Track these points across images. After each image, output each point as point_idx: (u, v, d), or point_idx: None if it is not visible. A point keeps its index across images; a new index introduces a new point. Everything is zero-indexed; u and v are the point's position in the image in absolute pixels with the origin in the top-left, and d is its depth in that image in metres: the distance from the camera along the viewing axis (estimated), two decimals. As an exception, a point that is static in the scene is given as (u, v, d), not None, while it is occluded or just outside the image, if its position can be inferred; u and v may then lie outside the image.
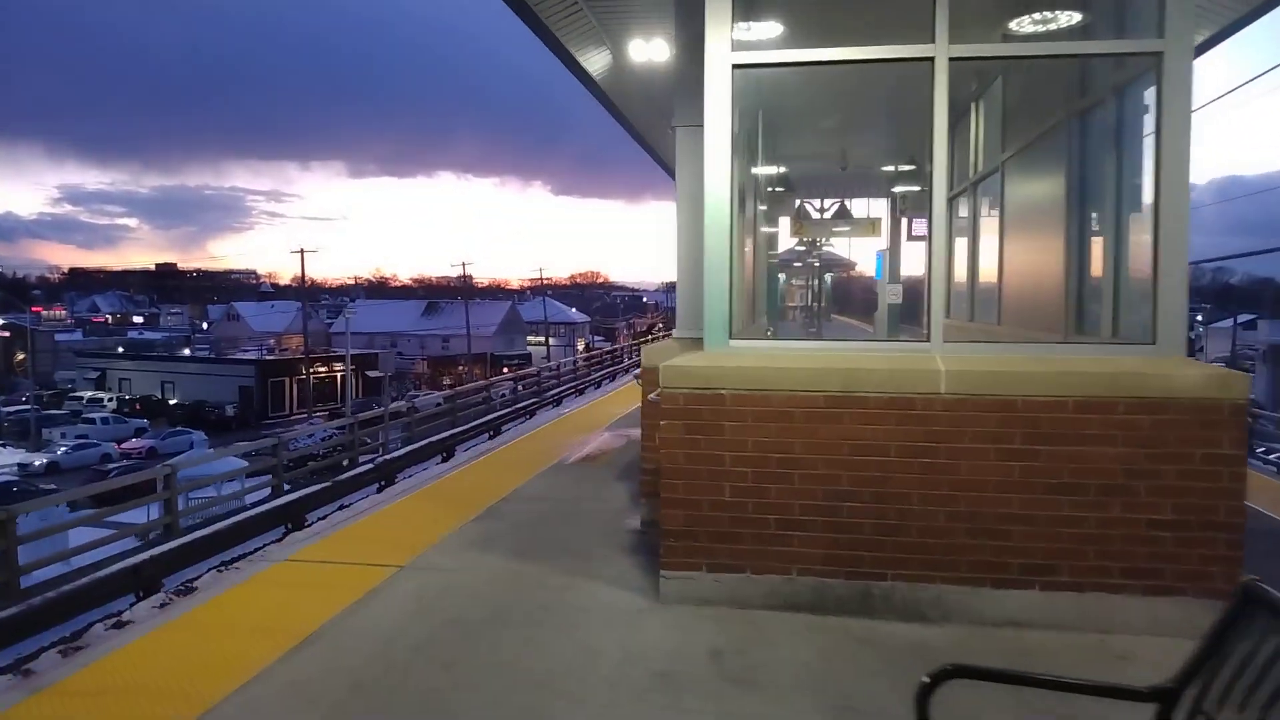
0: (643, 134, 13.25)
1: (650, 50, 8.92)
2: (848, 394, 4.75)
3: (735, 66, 5.08)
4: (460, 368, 79.49)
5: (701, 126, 6.62)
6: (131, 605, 10.02)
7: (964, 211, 10.20)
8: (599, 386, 34.54)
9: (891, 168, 13.66)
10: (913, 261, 13.81)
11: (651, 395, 5.29)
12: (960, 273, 10.43)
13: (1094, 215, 6.28)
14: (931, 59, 4.96)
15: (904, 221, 14.64)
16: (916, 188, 13.39)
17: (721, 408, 4.89)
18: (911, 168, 13.06)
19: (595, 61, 9.33)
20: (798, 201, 15.27)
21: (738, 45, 5.14)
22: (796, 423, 4.82)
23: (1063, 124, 6.71)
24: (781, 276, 54.20)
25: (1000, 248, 8.37)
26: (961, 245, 10.02)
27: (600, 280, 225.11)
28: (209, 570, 11.46)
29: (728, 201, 5.10)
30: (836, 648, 4.33)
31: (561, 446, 10.41)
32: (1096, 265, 6.23)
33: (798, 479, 4.84)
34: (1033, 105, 7.62)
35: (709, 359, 4.99)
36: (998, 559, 4.69)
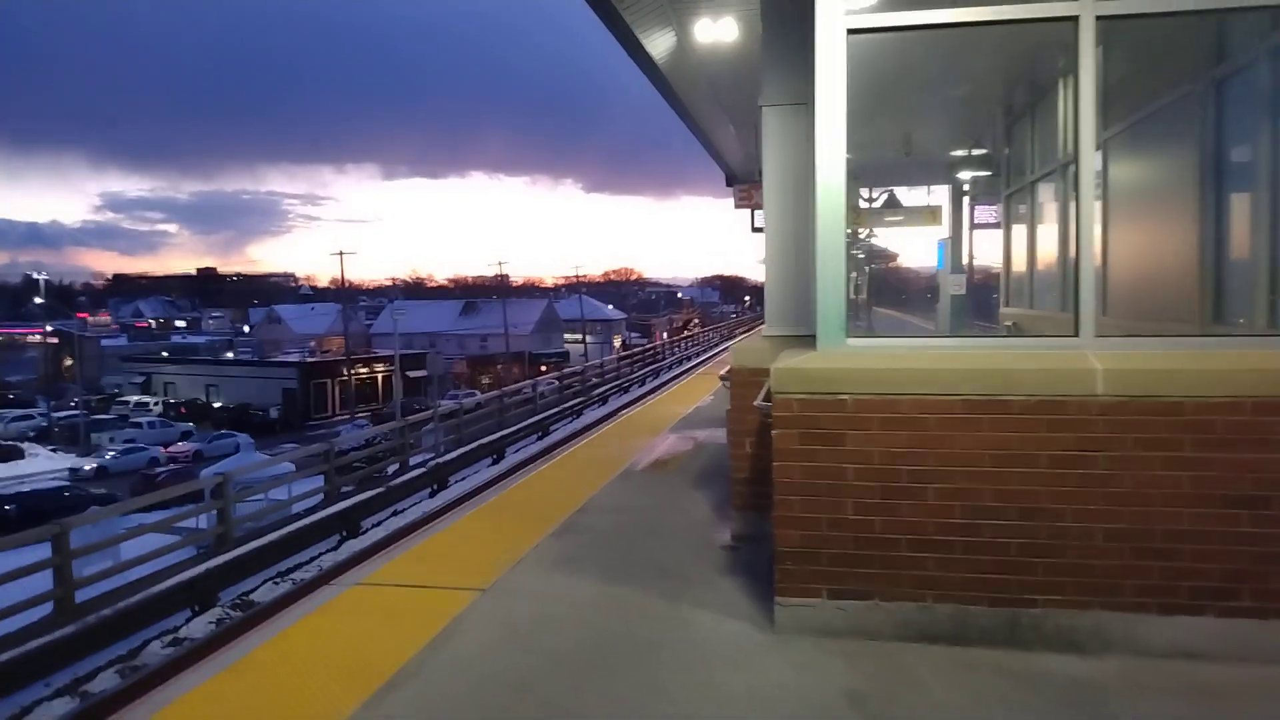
0: (698, 121, 12.74)
1: (718, 30, 8.41)
2: (988, 397, 4.20)
3: (850, 31, 4.54)
4: (499, 367, 79.54)
5: (793, 105, 6.15)
6: (188, 621, 9.76)
7: (1032, 198, 9.58)
8: (643, 384, 34.13)
9: (961, 152, 13.01)
10: (979, 251, 13.18)
11: (758, 401, 4.79)
12: (1033, 261, 9.82)
13: (1238, 192, 5.66)
14: (1075, 18, 4.38)
15: (968, 209, 14.00)
16: (985, 172, 12.76)
17: (843, 414, 4.37)
18: (982, 152, 12.43)
19: (659, 43, 8.83)
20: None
21: (849, 10, 4.60)
22: (929, 430, 4.28)
23: (1192, 93, 6.08)
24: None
25: (1104, 232, 7.75)
26: (1046, 232, 9.41)
27: (634, 277, 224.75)
28: (264, 583, 11.23)
29: (844, 184, 4.56)
30: (990, 688, 3.79)
31: (626, 450, 9.93)
32: (1239, 247, 5.61)
33: (932, 494, 4.30)
34: (1144, 76, 6.98)
35: (826, 359, 4.47)
36: (1166, 582, 4.11)
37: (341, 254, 61.34)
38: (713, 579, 5.27)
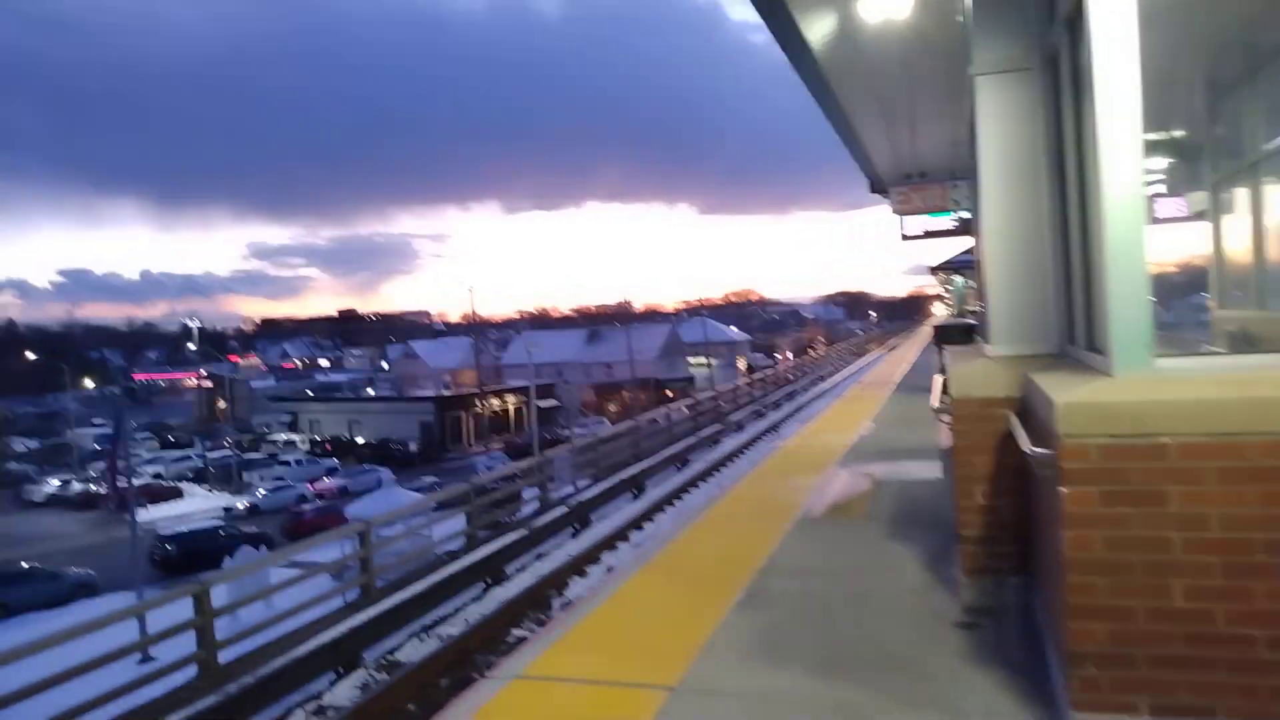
0: (849, 118, 11.58)
1: (889, 6, 7.31)
2: (1386, 437, 2.96)
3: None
4: (625, 393, 79.33)
5: (1016, 71, 5.02)
6: (332, 685, 9.20)
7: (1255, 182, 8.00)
8: (779, 407, 32.77)
9: (1150, 136, 11.38)
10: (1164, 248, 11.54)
11: (1029, 447, 3.65)
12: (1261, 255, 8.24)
13: None
14: None
15: (1149, 202, 12.32)
16: (1170, 160, 11.14)
17: (1162, 464, 3.19)
18: (1163, 136, 10.82)
19: (818, 27, 7.78)
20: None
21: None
22: (1295, 485, 3.06)
23: None
24: (959, 279, 50.78)
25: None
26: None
27: (754, 297, 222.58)
28: (409, 638, 10.63)
29: (1140, 160, 3.40)
30: None
31: (793, 491, 8.82)
32: None
33: (1303, 573, 3.08)
34: None
35: (1129, 389, 3.30)
36: None
37: (470, 289, 62.50)
38: (960, 673, 4.13)
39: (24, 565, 29.61)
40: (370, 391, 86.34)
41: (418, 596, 10.92)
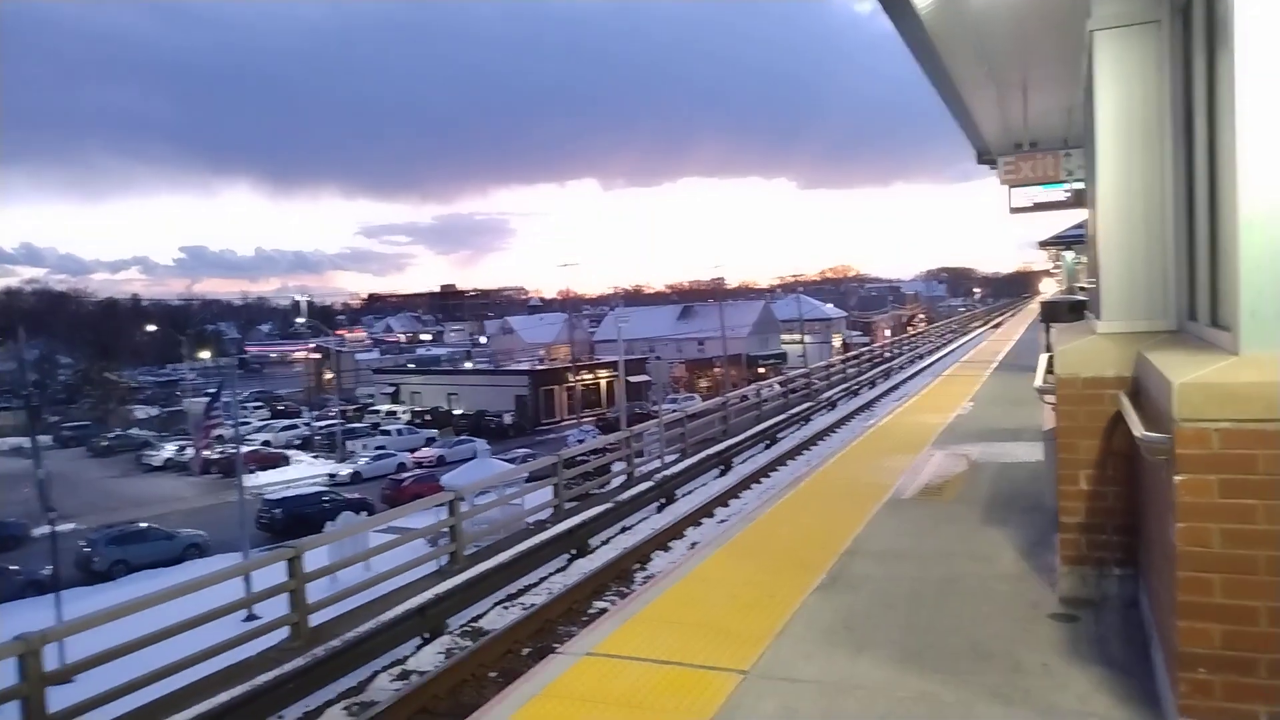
0: (957, 86, 11.04)
1: (998, -40, 6.86)
2: None
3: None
4: (716, 369, 78.88)
5: (1140, 25, 4.61)
6: (417, 649, 9.37)
7: None
8: (873, 385, 31.98)
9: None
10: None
11: (1141, 431, 3.33)
12: None
13: None
14: None
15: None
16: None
17: (1296, 453, 2.87)
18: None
19: (924, -13, 7.38)
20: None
21: None
22: None
23: None
24: (1069, 255, 48.71)
25: None
26: None
27: (852, 274, 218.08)
28: (494, 606, 10.75)
29: (1280, 113, 3.05)
30: None
31: (884, 471, 8.52)
32: None
33: None
34: None
35: (1258, 369, 2.97)
36: None
37: (566, 265, 63.07)
38: (1055, 668, 3.86)
39: (142, 525, 31.34)
40: (468, 365, 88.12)
41: (503, 565, 11.01)
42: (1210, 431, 2.96)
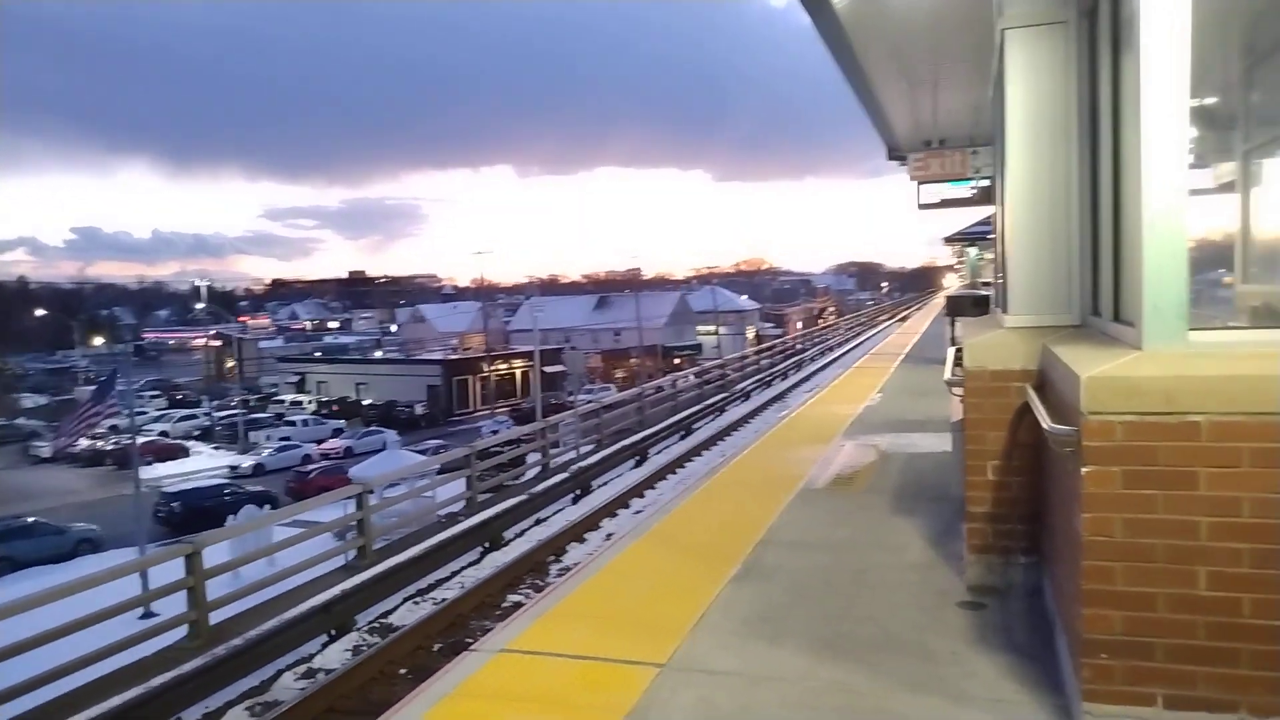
0: (870, 82, 11.22)
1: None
2: None
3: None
4: (632, 360, 79.11)
5: (1049, 25, 4.72)
6: (324, 647, 9.10)
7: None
8: (785, 377, 32.53)
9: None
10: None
11: (1050, 424, 3.40)
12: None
13: None
14: None
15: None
16: (1195, 129, 10.75)
17: (1195, 444, 2.97)
18: (1194, 103, 10.45)
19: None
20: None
21: None
22: (1336, 469, 2.84)
23: None
24: (973, 251, 50.38)
25: None
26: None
27: (765, 267, 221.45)
28: (404, 602, 10.52)
29: (1186, 118, 3.14)
30: None
31: (796, 461, 8.62)
32: None
33: (1338, 563, 2.86)
34: None
35: (1163, 364, 3.06)
36: None
37: (480, 253, 62.31)
38: (964, 656, 3.94)
39: (29, 520, 29.71)
40: (378, 354, 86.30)
41: (414, 560, 10.79)
42: (1115, 424, 3.05)
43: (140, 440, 31.92)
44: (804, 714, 3.50)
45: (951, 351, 7.01)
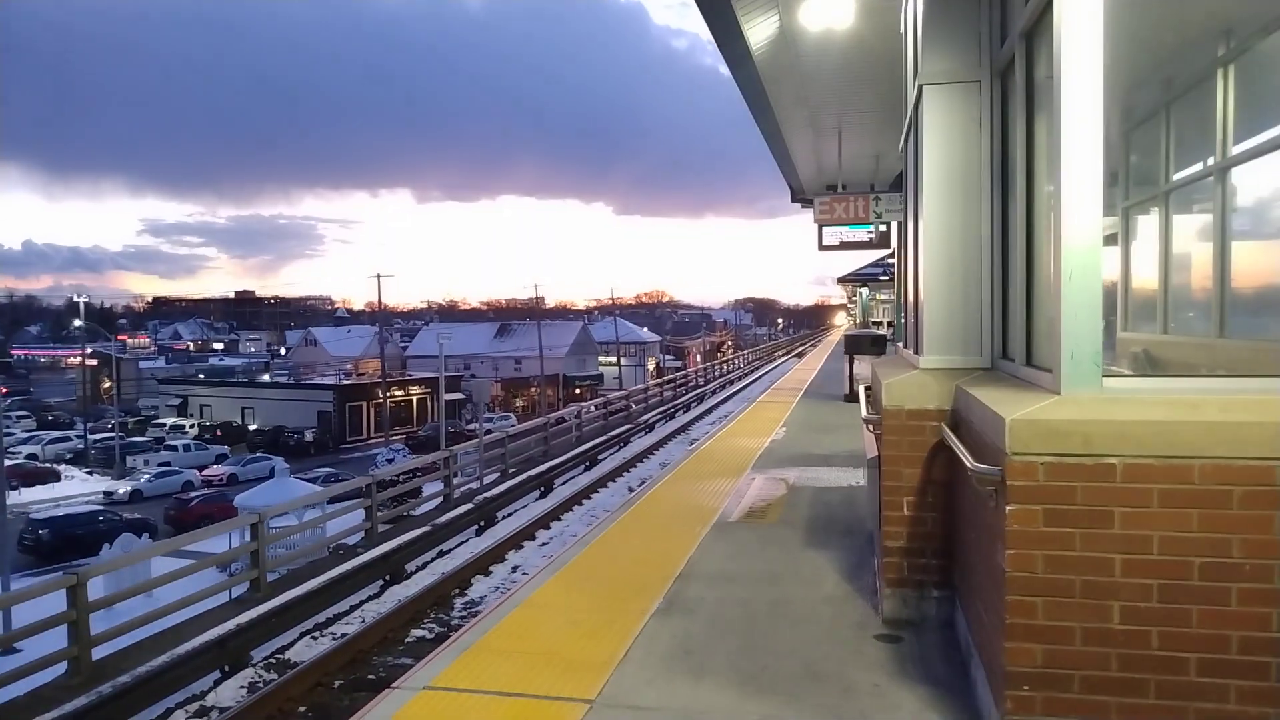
0: (779, 125, 11.60)
1: (830, 15, 7.26)
2: (1326, 463, 2.97)
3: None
4: (533, 389, 78.58)
5: (964, 83, 4.98)
6: (216, 684, 8.65)
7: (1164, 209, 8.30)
8: (688, 409, 32.86)
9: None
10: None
11: (973, 463, 3.55)
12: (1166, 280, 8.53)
13: None
14: None
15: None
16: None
17: (1110, 486, 3.14)
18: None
19: (760, 30, 7.70)
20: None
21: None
22: (1235, 509, 3.05)
23: None
24: (864, 291, 51.81)
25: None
26: (1193, 247, 8.17)
27: (665, 299, 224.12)
28: (301, 637, 10.09)
29: (1100, 175, 3.35)
30: None
31: (709, 494, 8.72)
32: None
33: (1237, 597, 3.05)
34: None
35: (1080, 408, 3.24)
36: None
37: (378, 277, 60.94)
38: (885, 689, 4.03)
39: None
40: (266, 377, 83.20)
41: (311, 593, 10.39)
42: (1037, 464, 3.20)
43: (6, 463, 29.85)
44: (734, 749, 3.52)
45: (862, 390, 7.24)
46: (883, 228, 16.11)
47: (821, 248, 17.29)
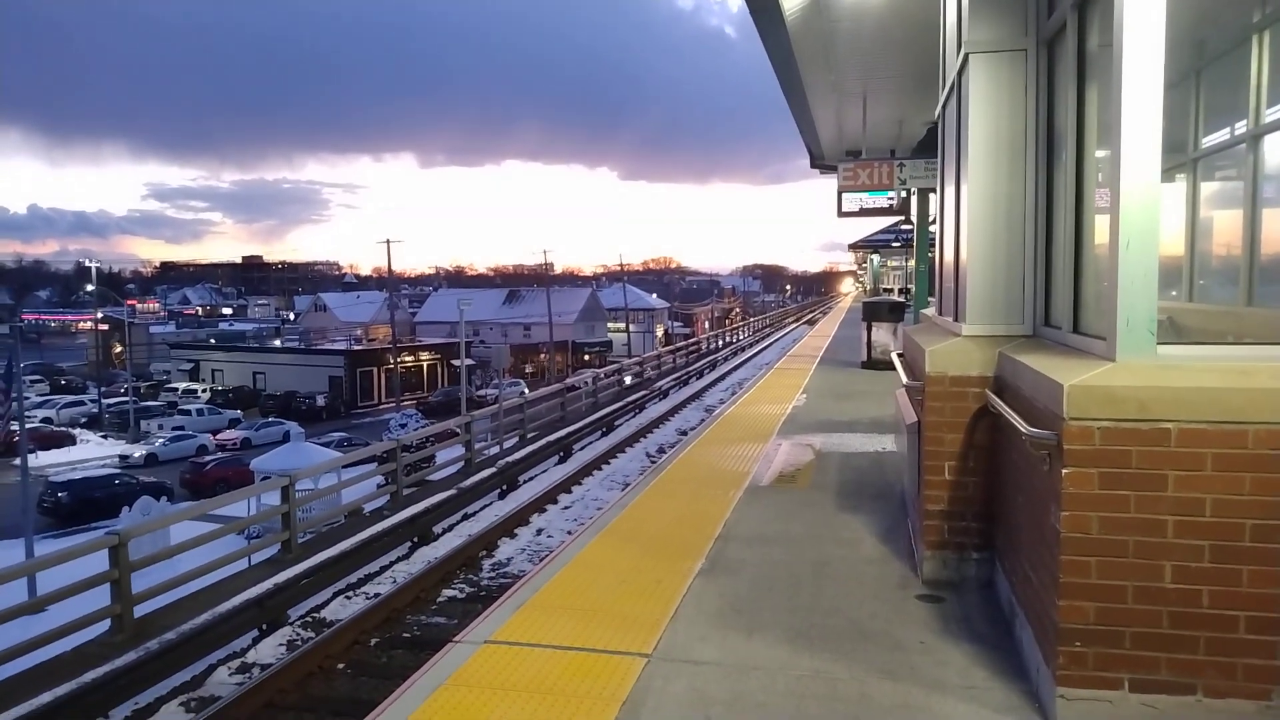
0: (806, 92, 11.57)
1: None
2: (1380, 429, 3.06)
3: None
4: (543, 355, 78.80)
5: (1010, 52, 5.01)
6: (255, 643, 8.87)
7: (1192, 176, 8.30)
8: (701, 375, 33.00)
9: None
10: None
11: (1027, 428, 3.64)
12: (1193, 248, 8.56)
13: None
14: None
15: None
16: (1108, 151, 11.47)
17: (1164, 450, 3.24)
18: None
19: (795, -4, 7.69)
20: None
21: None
22: (1289, 473, 3.16)
23: None
24: (876, 258, 51.85)
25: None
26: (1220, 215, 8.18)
27: (673, 265, 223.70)
28: (335, 597, 10.32)
29: (1159, 145, 3.41)
30: None
31: (739, 459, 8.84)
32: None
33: (1288, 558, 3.18)
34: None
35: (1135, 374, 3.33)
36: None
37: (388, 243, 60.98)
38: (933, 646, 4.17)
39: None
40: (277, 343, 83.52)
41: (343, 554, 10.60)
42: (1093, 429, 3.30)
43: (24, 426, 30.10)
44: (792, 702, 3.66)
45: (896, 357, 7.33)
46: (903, 194, 16.09)
47: (841, 214, 17.27)
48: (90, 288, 66.62)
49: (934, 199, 15.12)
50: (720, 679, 3.85)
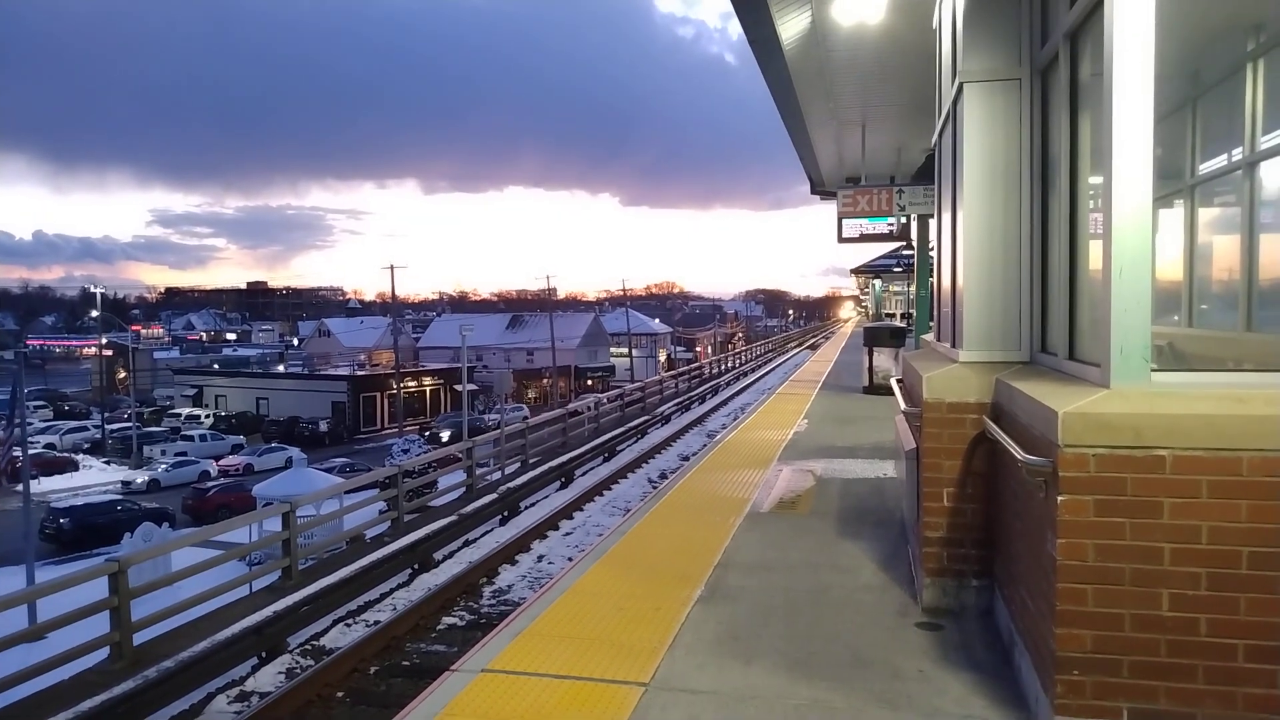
0: (804, 119, 11.65)
1: (862, 9, 7.33)
2: (1374, 456, 3.06)
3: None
4: (545, 380, 78.83)
5: (1003, 81, 5.06)
6: (254, 670, 8.82)
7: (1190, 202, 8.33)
8: (703, 400, 32.98)
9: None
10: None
11: (1023, 454, 3.65)
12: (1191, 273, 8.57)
13: None
14: None
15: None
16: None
17: (1159, 477, 3.24)
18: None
19: (791, 25, 7.77)
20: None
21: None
22: (1285, 500, 3.15)
23: None
24: (877, 283, 51.75)
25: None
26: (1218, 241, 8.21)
27: (676, 290, 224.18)
28: (335, 624, 10.28)
29: (1150, 171, 3.45)
30: None
31: (739, 485, 8.83)
32: None
33: (1285, 585, 3.17)
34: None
35: (1129, 401, 3.34)
36: None
37: (391, 269, 61.25)
38: (931, 674, 4.15)
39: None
40: (281, 368, 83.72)
41: (343, 581, 10.56)
42: (1088, 456, 3.30)
43: (27, 452, 30.12)
44: (790, 731, 3.64)
45: (894, 383, 7.34)
46: (903, 220, 16.16)
47: (841, 240, 17.33)
48: (95, 313, 66.80)
49: (933, 225, 15.21)
50: (718, 708, 3.83)
